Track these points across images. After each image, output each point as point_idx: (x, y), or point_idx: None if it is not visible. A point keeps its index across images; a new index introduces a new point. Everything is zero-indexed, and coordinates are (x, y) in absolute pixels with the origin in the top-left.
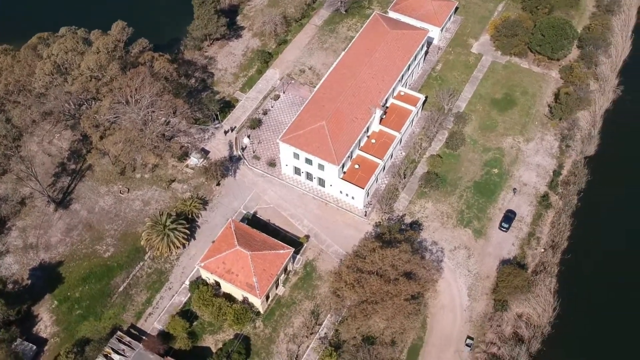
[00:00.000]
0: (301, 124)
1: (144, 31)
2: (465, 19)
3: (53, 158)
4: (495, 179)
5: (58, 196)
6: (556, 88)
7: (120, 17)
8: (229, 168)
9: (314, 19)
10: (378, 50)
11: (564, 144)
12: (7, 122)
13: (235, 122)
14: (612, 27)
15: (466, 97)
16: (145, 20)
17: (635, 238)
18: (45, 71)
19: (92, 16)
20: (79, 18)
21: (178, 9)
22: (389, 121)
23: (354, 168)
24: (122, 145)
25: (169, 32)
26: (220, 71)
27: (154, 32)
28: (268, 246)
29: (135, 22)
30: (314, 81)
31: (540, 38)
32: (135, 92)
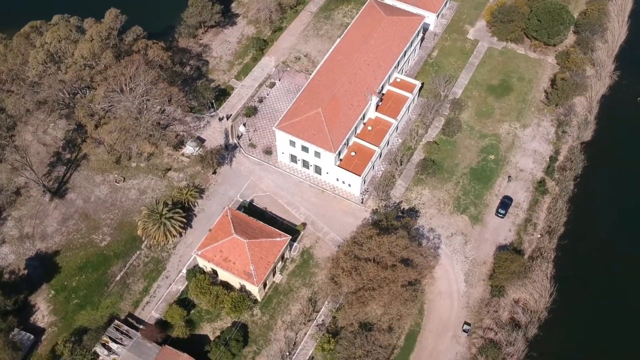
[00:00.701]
0: (297, 112)
1: (137, 19)
2: (461, 5)
3: (48, 147)
4: (492, 165)
5: (53, 186)
6: (552, 74)
7: (113, 4)
8: (225, 156)
9: (309, 6)
10: (374, 37)
11: (561, 130)
12: (1, 111)
13: (230, 110)
14: (608, 12)
15: (462, 84)
16: (139, 8)
17: (631, 223)
18: (39, 60)
19: (85, 4)
20: (72, 6)
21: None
22: (385, 108)
23: (351, 155)
24: (117, 134)
25: (163, 19)
26: (215, 59)
27: (148, 19)
28: (265, 234)
29: (129, 9)
30: (310, 68)
31: (536, 24)
32: (130, 80)
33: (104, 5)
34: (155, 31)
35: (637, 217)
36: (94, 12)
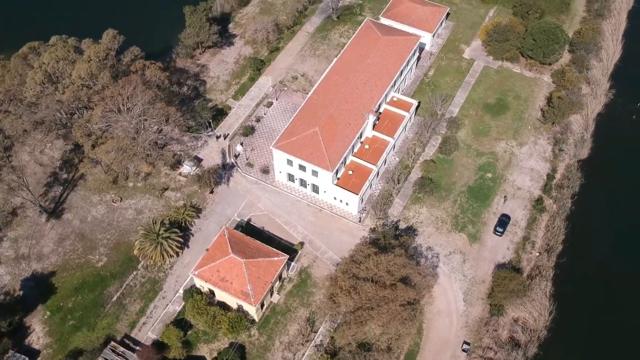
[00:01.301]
0: (294, 131)
1: (135, 39)
2: (456, 24)
3: (45, 167)
4: (489, 184)
5: (50, 206)
6: (548, 92)
7: (111, 25)
8: (222, 176)
9: (306, 26)
10: (370, 56)
11: (557, 148)
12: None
13: (228, 129)
14: (602, 31)
15: (459, 102)
16: (137, 29)
17: (629, 241)
18: (36, 80)
19: (83, 25)
20: (70, 27)
21: (170, 17)
22: (382, 127)
23: (348, 174)
24: (115, 153)
25: (160, 40)
26: (212, 79)
27: (145, 40)
28: (262, 253)
29: (127, 30)
30: (307, 88)
31: (531, 43)
32: (127, 100)
33: (101, 26)
34: (153, 52)
35: (634, 235)
36: (92, 33)
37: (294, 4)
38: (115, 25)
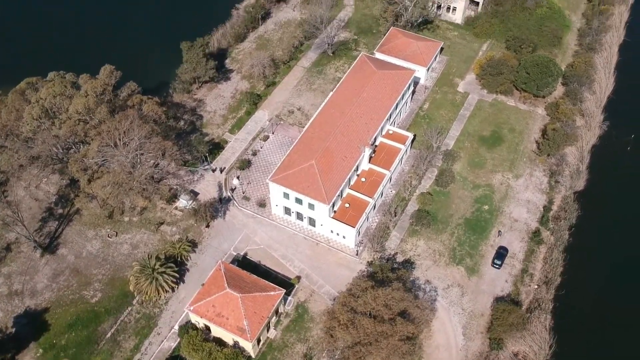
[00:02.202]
0: (291, 164)
1: (133, 75)
2: (450, 58)
3: (40, 202)
4: (486, 216)
5: (45, 241)
6: (543, 124)
7: (109, 61)
8: (218, 209)
9: (302, 61)
10: (366, 90)
11: (553, 180)
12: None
13: (224, 163)
14: (594, 65)
15: (454, 135)
16: (134, 64)
17: (627, 272)
18: (33, 115)
19: (81, 61)
20: (68, 63)
21: (167, 53)
22: (379, 159)
23: (345, 207)
24: (111, 188)
25: (158, 75)
26: (209, 113)
27: (143, 75)
28: (259, 288)
29: (124, 66)
30: (303, 122)
31: (525, 76)
32: (124, 134)
33: (99, 61)
34: (150, 87)
35: (633, 267)
36: (90, 69)
37: (290, 40)
38: (113, 61)
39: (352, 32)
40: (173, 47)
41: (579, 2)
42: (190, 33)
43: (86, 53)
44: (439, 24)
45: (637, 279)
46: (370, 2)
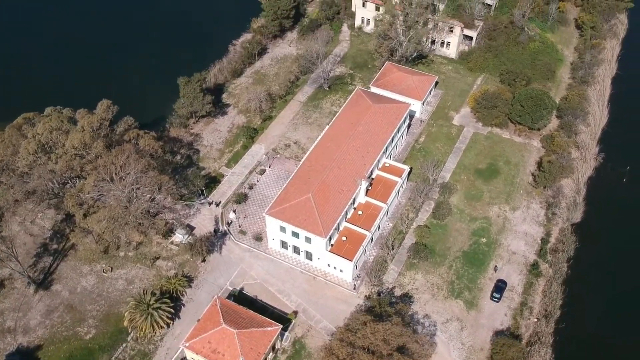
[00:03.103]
0: (287, 197)
1: (129, 110)
2: (445, 92)
3: (35, 238)
4: (484, 249)
5: (39, 277)
6: (538, 157)
7: (106, 96)
8: (214, 244)
9: (298, 96)
10: (361, 124)
11: (550, 212)
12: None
13: (221, 197)
14: (588, 98)
15: (450, 168)
16: (132, 99)
17: (627, 305)
18: (30, 150)
19: (78, 96)
20: (66, 98)
21: (164, 88)
22: (375, 192)
23: (342, 240)
24: (106, 223)
25: (154, 110)
26: (205, 147)
27: (140, 110)
28: (255, 323)
29: (122, 101)
30: (299, 155)
31: (519, 109)
32: (120, 169)
33: (97, 97)
34: (147, 121)
35: (632, 299)
36: (87, 104)
37: (286, 75)
38: (111, 96)
39: (347, 67)
40: (170, 82)
41: (571, 36)
42: (187, 68)
43: (84, 88)
44: (433, 58)
45: (637, 311)
46: (366, 37)
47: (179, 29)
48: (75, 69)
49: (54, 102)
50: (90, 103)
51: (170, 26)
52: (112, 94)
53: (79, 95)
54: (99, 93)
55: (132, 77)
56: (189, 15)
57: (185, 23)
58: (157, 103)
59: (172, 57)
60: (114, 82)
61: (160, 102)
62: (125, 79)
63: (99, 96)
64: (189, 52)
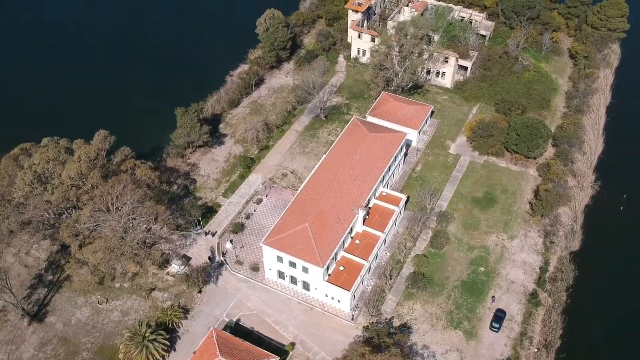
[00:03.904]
0: (284, 227)
1: (126, 140)
2: (441, 121)
3: (30, 269)
4: (483, 278)
5: (33, 309)
6: (535, 185)
7: (104, 126)
8: (211, 274)
9: (295, 125)
10: (358, 153)
11: (548, 240)
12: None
13: (217, 227)
14: (583, 126)
15: (447, 197)
16: (129, 129)
17: (627, 333)
18: (26, 181)
19: (76, 126)
20: (63, 129)
21: (161, 118)
22: (372, 221)
23: (339, 270)
24: (102, 253)
25: (152, 140)
26: (202, 177)
27: (137, 140)
28: (252, 356)
29: (119, 131)
30: (296, 184)
31: (515, 138)
32: (116, 199)
33: (94, 127)
34: (144, 151)
35: (633, 327)
36: (84, 134)
37: (283, 105)
38: (108, 126)
39: (344, 97)
40: (168, 112)
41: (565, 66)
42: (185, 99)
43: (81, 119)
44: (429, 88)
45: (637, 339)
46: (362, 68)
47: (177, 60)
48: (73, 99)
49: (51, 132)
50: (87, 133)
51: (168, 57)
52: (109, 124)
53: (76, 125)
54: (96, 123)
55: (129, 107)
56: (187, 46)
57: (182, 54)
58: (154, 133)
59: (170, 88)
60: (112, 113)
61: (158, 132)
62: (122, 109)
63: (96, 126)
64: (187, 82)
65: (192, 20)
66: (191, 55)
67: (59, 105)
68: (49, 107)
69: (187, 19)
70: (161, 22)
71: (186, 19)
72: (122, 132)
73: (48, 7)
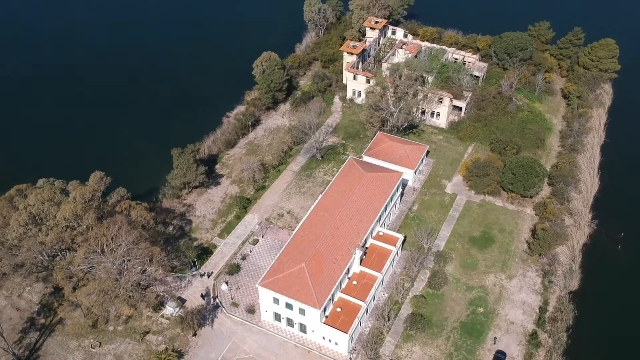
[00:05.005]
0: (281, 267)
1: (122, 181)
2: (437, 161)
3: (22, 312)
4: (482, 319)
5: (24, 353)
6: (532, 224)
7: (100, 167)
8: (206, 317)
9: (291, 165)
10: (355, 192)
11: (547, 280)
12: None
13: (213, 268)
14: (579, 165)
15: (445, 236)
16: (125, 170)
17: None
18: (20, 222)
19: (72, 167)
20: (59, 170)
21: (157, 159)
22: (370, 262)
23: (336, 311)
24: (96, 296)
25: (147, 181)
26: (198, 218)
27: (133, 181)
28: None
29: (115, 172)
30: (293, 225)
31: (511, 177)
32: (111, 241)
33: (90, 168)
34: (140, 192)
35: None
36: (80, 175)
37: (279, 145)
38: (104, 167)
39: (340, 137)
40: (164, 153)
41: (559, 105)
42: (181, 140)
43: (77, 160)
44: (424, 128)
45: None
46: (357, 108)
47: (174, 101)
48: (69, 140)
49: (47, 174)
50: (83, 174)
51: (164, 98)
52: (106, 165)
53: (73, 167)
54: (92, 164)
55: (126, 148)
56: (184, 87)
57: (179, 95)
58: (150, 174)
59: (167, 129)
60: (108, 154)
61: (154, 173)
62: (119, 150)
63: (93, 168)
64: (183, 123)
65: (189, 62)
66: (188, 97)
67: (56, 146)
68: (45, 148)
69: (184, 60)
70: (158, 63)
71: (183, 61)
72: (119, 173)
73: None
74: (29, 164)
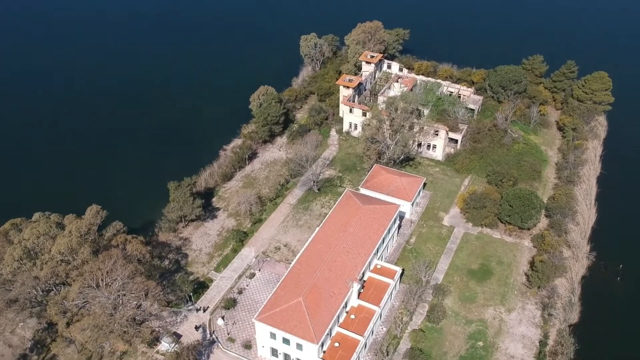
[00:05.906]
0: (277, 302)
1: (119, 214)
2: (434, 193)
3: (14, 349)
4: (482, 353)
5: None
6: (530, 256)
7: (96, 201)
8: (202, 352)
9: (288, 198)
10: (352, 225)
11: (546, 313)
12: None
13: (209, 302)
14: (575, 197)
15: (443, 269)
16: (122, 204)
17: None
18: (15, 256)
19: (68, 201)
20: (55, 204)
21: (154, 193)
22: (368, 295)
23: (334, 346)
24: (90, 331)
25: (144, 214)
26: (194, 251)
27: (129, 214)
28: None
29: (111, 205)
30: (290, 258)
31: (508, 209)
32: (107, 275)
33: (86, 202)
34: (136, 226)
35: None
36: (76, 209)
37: (276, 178)
38: (101, 201)
39: (336, 170)
40: (160, 187)
41: (554, 137)
42: (178, 173)
43: (74, 193)
44: (420, 160)
45: None
46: (354, 141)
47: (171, 135)
48: (66, 173)
49: (42, 207)
50: (79, 208)
51: (161, 132)
52: (102, 199)
53: (68, 200)
54: (88, 198)
55: (122, 182)
56: (181, 121)
57: (176, 129)
58: (146, 208)
59: (163, 162)
60: (105, 187)
61: (150, 206)
62: (115, 184)
63: (89, 201)
64: (180, 157)
65: (186, 95)
66: (185, 130)
67: (52, 180)
68: (40, 182)
69: (182, 93)
70: (155, 97)
71: (180, 94)
72: (115, 207)
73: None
74: (24, 198)
